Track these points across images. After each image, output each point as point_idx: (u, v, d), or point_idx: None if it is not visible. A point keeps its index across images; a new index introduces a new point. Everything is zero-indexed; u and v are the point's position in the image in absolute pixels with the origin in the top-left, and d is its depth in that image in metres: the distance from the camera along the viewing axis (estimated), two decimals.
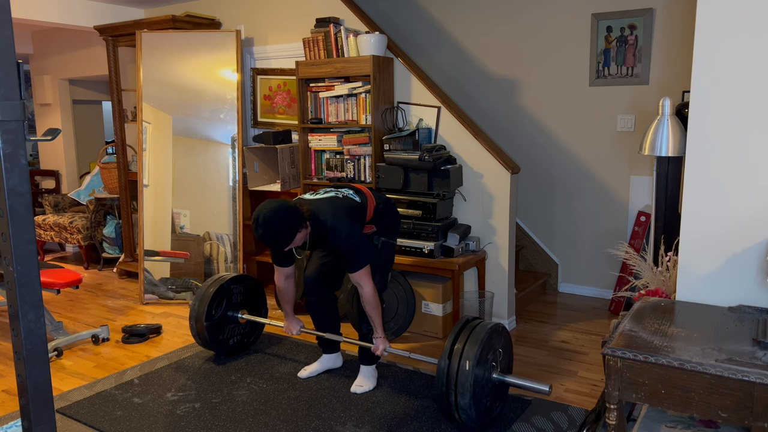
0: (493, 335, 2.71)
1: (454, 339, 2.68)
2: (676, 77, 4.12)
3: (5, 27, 1.15)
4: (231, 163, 4.70)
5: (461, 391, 2.56)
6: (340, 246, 2.88)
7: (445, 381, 2.61)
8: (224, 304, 3.53)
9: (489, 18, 4.81)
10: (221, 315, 3.51)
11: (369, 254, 2.94)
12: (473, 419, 2.59)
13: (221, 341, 3.52)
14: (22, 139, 1.19)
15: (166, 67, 4.69)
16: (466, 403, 2.55)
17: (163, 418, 2.90)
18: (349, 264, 2.90)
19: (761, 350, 1.91)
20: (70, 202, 6.37)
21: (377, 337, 3.04)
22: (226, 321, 3.54)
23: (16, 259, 1.20)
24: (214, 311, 3.47)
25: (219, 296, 3.50)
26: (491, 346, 2.69)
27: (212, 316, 3.45)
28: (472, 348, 2.59)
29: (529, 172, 4.80)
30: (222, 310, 3.52)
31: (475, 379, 2.56)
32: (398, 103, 4.21)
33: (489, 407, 2.69)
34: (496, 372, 2.72)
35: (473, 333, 2.67)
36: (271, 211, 2.72)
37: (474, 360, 2.56)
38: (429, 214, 3.81)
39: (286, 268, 3.12)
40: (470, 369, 2.55)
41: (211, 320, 3.45)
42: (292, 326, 3.32)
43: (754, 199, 2.28)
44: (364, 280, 2.91)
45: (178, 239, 4.71)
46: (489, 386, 2.67)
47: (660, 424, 2.29)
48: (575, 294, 4.72)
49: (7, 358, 3.70)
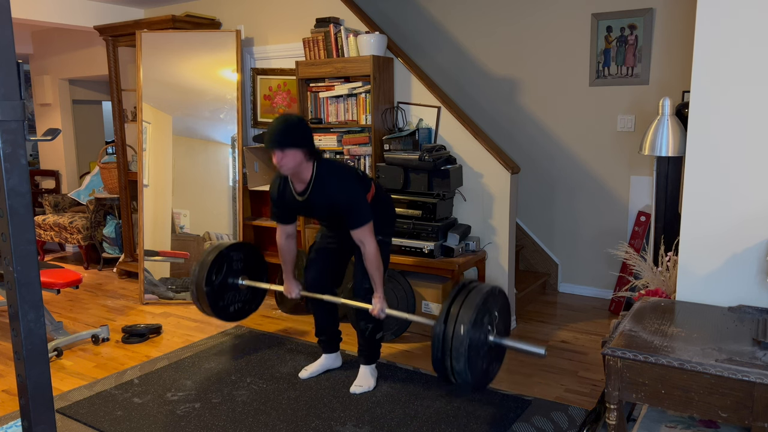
0: (488, 299, 2.66)
1: (450, 303, 2.64)
2: (676, 77, 4.12)
3: (5, 27, 1.15)
4: (231, 163, 4.70)
5: (456, 355, 2.52)
6: (344, 199, 2.88)
7: (440, 346, 2.57)
8: (224, 270, 3.47)
9: (489, 18, 4.81)
10: (221, 281, 3.46)
11: (370, 212, 2.95)
12: (469, 382, 2.57)
13: (221, 308, 3.48)
14: (22, 139, 1.19)
15: (166, 67, 4.69)
16: (461, 367, 2.52)
17: (163, 418, 2.90)
18: (351, 220, 2.89)
19: (761, 350, 1.91)
20: (70, 202, 6.37)
21: (376, 297, 3.00)
22: (226, 288, 3.49)
23: (16, 259, 1.20)
24: (215, 277, 3.42)
25: (219, 262, 3.44)
26: (487, 309, 2.63)
27: (212, 281, 3.40)
28: (467, 312, 2.55)
29: (530, 172, 4.80)
30: (222, 277, 3.46)
31: (470, 343, 2.51)
32: (398, 103, 4.21)
33: (485, 370, 2.66)
34: (493, 335, 2.67)
35: (468, 297, 2.63)
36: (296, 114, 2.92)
37: (468, 324, 2.52)
38: (429, 214, 3.81)
39: (287, 225, 3.13)
40: (465, 333, 2.51)
41: (212, 286, 3.40)
42: (291, 288, 3.29)
43: (754, 198, 2.28)
44: (367, 238, 2.91)
45: (178, 239, 4.71)
46: (485, 349, 2.63)
47: (660, 424, 2.29)
48: (575, 294, 4.72)
49: (7, 358, 3.70)
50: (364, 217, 2.90)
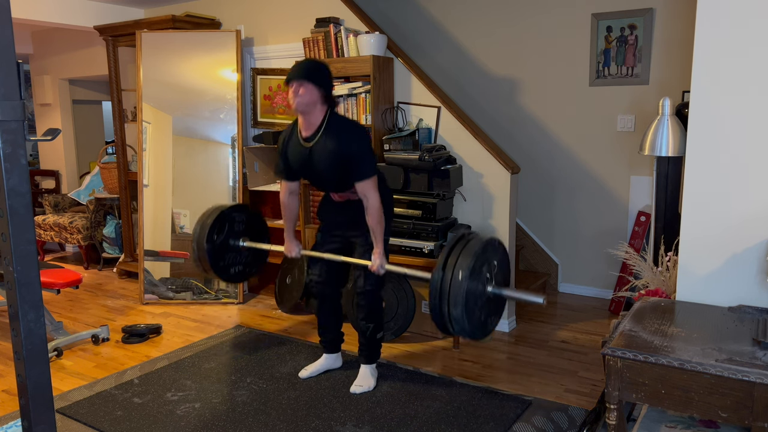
0: (488, 248, 2.63)
1: (449, 252, 2.61)
2: (676, 77, 4.12)
3: (5, 27, 1.15)
4: (231, 163, 4.70)
5: (453, 302, 2.50)
6: (353, 148, 2.88)
7: (438, 293, 2.55)
8: (226, 230, 3.44)
9: (489, 18, 4.81)
10: (222, 241, 3.42)
11: (376, 165, 2.97)
12: (466, 330, 2.55)
13: (222, 268, 3.44)
14: (22, 139, 1.19)
15: (166, 67, 4.69)
16: (458, 314, 2.50)
17: (163, 418, 2.90)
18: (357, 171, 2.89)
19: (761, 350, 1.91)
20: (70, 202, 6.37)
21: (376, 253, 2.98)
22: (227, 248, 3.46)
23: (16, 259, 1.20)
24: (216, 236, 3.39)
25: (221, 221, 3.41)
26: (486, 259, 2.61)
27: (213, 239, 3.37)
28: (466, 259, 2.53)
29: (530, 172, 4.80)
30: (224, 236, 3.43)
31: (467, 290, 2.49)
32: (398, 103, 4.21)
33: (483, 321, 2.64)
34: (491, 285, 2.65)
35: (467, 246, 2.60)
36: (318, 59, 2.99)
37: (467, 271, 2.49)
38: (429, 214, 3.81)
39: (291, 182, 3.15)
40: (462, 279, 2.48)
41: (212, 243, 3.36)
42: (292, 247, 3.27)
43: (754, 198, 2.28)
44: (371, 192, 2.91)
45: (178, 239, 4.71)
46: (483, 299, 2.61)
47: (660, 424, 2.29)
48: (575, 294, 4.72)
49: (7, 358, 3.70)
50: (371, 169, 2.91)
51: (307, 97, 2.83)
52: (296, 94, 2.83)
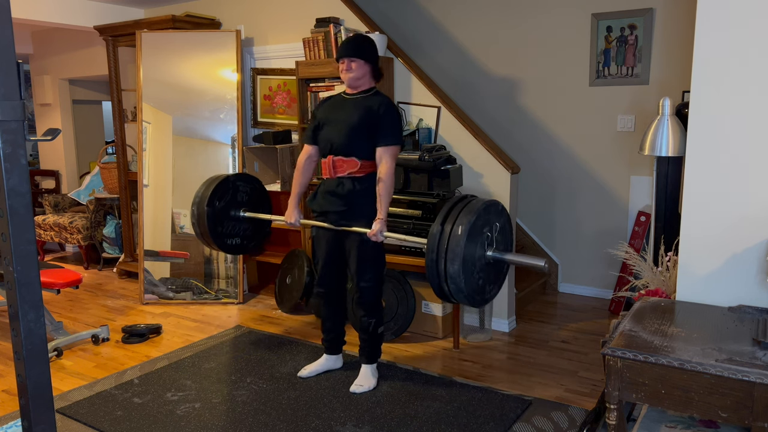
0: (490, 209, 2.57)
1: (449, 210, 2.55)
2: (676, 77, 4.12)
3: (5, 27, 1.15)
4: (231, 163, 4.70)
5: (451, 257, 2.40)
6: (386, 114, 2.99)
7: (435, 247, 2.46)
8: (228, 196, 3.43)
9: (489, 18, 4.81)
10: (224, 207, 3.40)
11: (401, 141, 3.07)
12: (462, 290, 2.44)
13: (220, 234, 3.41)
14: (22, 139, 1.19)
15: (166, 67, 4.69)
16: (455, 270, 2.40)
17: (163, 418, 2.90)
18: (384, 134, 2.98)
19: (761, 350, 1.91)
20: (70, 202, 6.37)
21: (378, 219, 2.96)
22: (227, 216, 3.44)
23: (16, 259, 1.20)
24: (218, 202, 3.37)
25: (224, 187, 3.40)
26: (488, 219, 2.54)
27: (214, 204, 3.35)
28: (467, 216, 2.46)
29: (530, 172, 4.80)
30: (225, 203, 3.41)
31: (466, 248, 2.40)
32: (398, 103, 4.21)
33: (481, 286, 2.55)
34: (492, 249, 2.57)
35: (469, 205, 2.55)
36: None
37: (467, 226, 2.40)
38: (429, 214, 3.81)
39: (312, 146, 3.21)
40: (462, 234, 2.39)
41: (213, 207, 3.34)
42: (293, 214, 3.26)
43: (754, 198, 2.28)
44: (389, 158, 2.98)
45: (178, 239, 4.71)
46: (482, 262, 2.53)
47: (660, 424, 2.29)
48: (575, 294, 4.72)
49: (7, 358, 3.70)
50: (397, 139, 3.01)
51: (359, 72, 3.01)
52: (348, 70, 3.00)
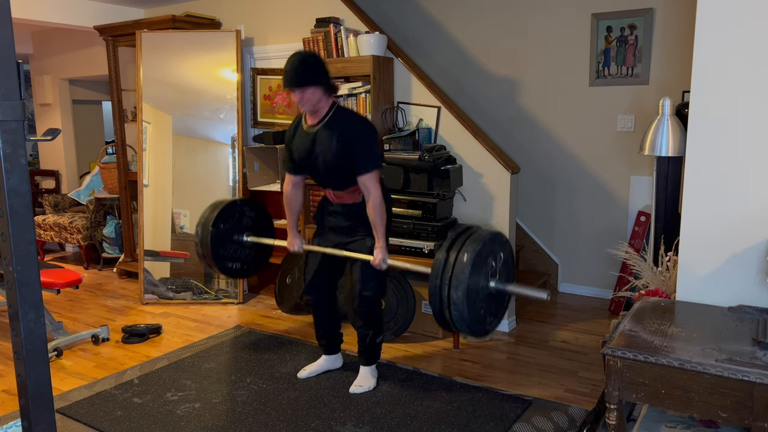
0: (495, 240, 2.59)
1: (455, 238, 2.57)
2: (676, 77, 4.12)
3: (5, 27, 1.15)
4: (231, 163, 4.70)
5: (455, 284, 2.42)
6: (357, 135, 2.88)
7: (440, 273, 2.48)
8: (234, 220, 3.44)
9: (489, 18, 4.81)
10: (228, 229, 3.42)
11: (380, 160, 2.98)
12: (465, 319, 2.46)
13: (221, 256, 3.43)
14: (22, 139, 1.19)
15: (166, 67, 4.69)
16: (459, 297, 2.42)
17: (163, 418, 2.90)
18: (361, 163, 2.88)
19: (761, 350, 1.91)
20: (70, 202, 6.37)
21: (378, 248, 2.96)
22: (231, 239, 3.46)
23: (16, 259, 1.20)
24: (222, 224, 3.38)
25: (231, 210, 3.41)
26: (492, 249, 2.57)
27: (219, 226, 3.37)
28: (473, 244, 2.48)
29: (530, 172, 4.80)
30: (230, 225, 3.43)
31: (470, 276, 2.43)
32: (398, 103, 4.21)
33: (482, 316, 2.57)
34: (494, 281, 2.60)
35: (474, 234, 2.57)
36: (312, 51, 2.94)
37: (473, 254, 2.43)
38: (429, 214, 3.81)
39: (295, 176, 3.15)
40: (467, 262, 2.41)
41: (217, 228, 3.36)
42: (294, 242, 3.26)
43: (753, 198, 2.28)
44: (373, 185, 2.90)
45: (178, 239, 4.70)
46: (485, 292, 2.55)
47: (660, 424, 2.29)
48: (575, 294, 4.72)
49: (7, 358, 3.70)
50: (374, 161, 2.90)
51: (313, 99, 2.85)
52: (301, 101, 2.85)
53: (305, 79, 2.79)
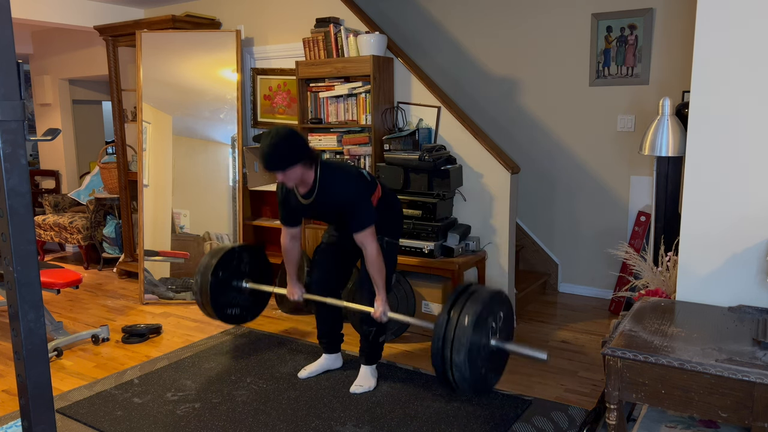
0: (495, 299, 2.64)
1: (456, 298, 2.61)
2: (676, 77, 4.12)
3: (5, 27, 1.15)
4: (231, 163, 4.70)
5: (457, 346, 2.47)
6: (348, 199, 2.88)
7: (442, 335, 2.53)
8: (232, 267, 3.49)
9: (489, 18, 4.81)
10: (227, 277, 3.47)
11: (374, 214, 2.95)
12: (467, 379, 2.50)
13: (221, 304, 3.46)
14: (22, 139, 1.19)
15: (166, 67, 4.69)
16: (461, 360, 2.47)
17: (163, 418, 2.90)
18: (354, 221, 2.89)
19: (761, 350, 1.91)
20: (70, 202, 6.37)
21: (378, 300, 2.99)
22: (230, 287, 3.50)
23: (16, 259, 1.20)
24: (222, 272, 3.43)
25: (229, 259, 3.46)
26: (492, 309, 2.61)
27: (218, 275, 3.41)
28: (473, 306, 2.53)
29: (530, 172, 4.80)
30: (229, 273, 3.47)
31: (472, 338, 2.47)
32: (398, 103, 4.21)
33: (484, 374, 2.60)
34: (495, 339, 2.63)
35: (475, 294, 2.61)
36: (285, 128, 2.83)
37: (473, 316, 2.48)
38: (429, 214, 3.81)
39: (292, 228, 3.14)
40: (469, 325, 2.47)
41: (217, 277, 3.40)
42: (294, 291, 3.28)
43: (753, 198, 2.28)
44: (369, 240, 2.91)
45: (178, 239, 4.71)
46: (486, 351, 2.59)
47: (660, 424, 2.29)
48: (575, 294, 4.72)
49: (7, 358, 3.70)
50: (367, 219, 2.90)
51: (294, 177, 2.84)
52: (286, 179, 2.84)
53: (284, 162, 2.78)
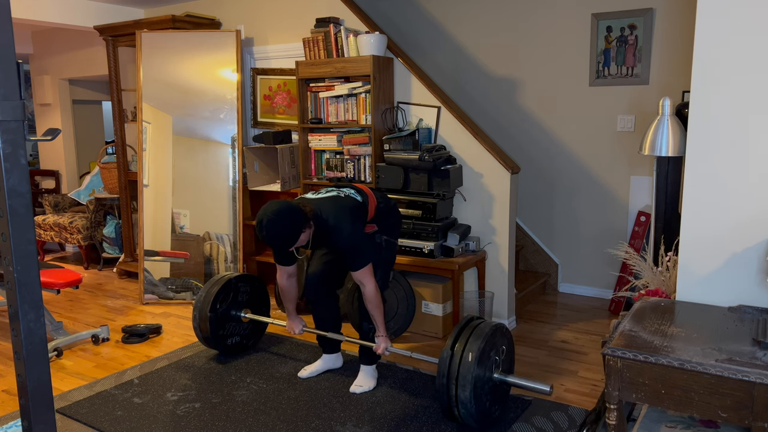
0: (496, 333, 2.71)
1: (458, 333, 2.67)
2: (676, 77, 4.12)
3: (5, 27, 1.15)
4: (231, 163, 4.70)
5: (462, 383, 2.53)
6: (343, 244, 2.88)
7: (446, 373, 2.58)
8: (230, 299, 3.54)
9: (489, 18, 4.81)
10: (225, 310, 3.52)
11: (371, 253, 2.95)
12: (473, 415, 2.57)
13: (221, 337, 3.51)
14: (22, 139, 1.19)
15: (166, 67, 4.69)
16: (466, 397, 2.53)
17: (163, 418, 2.90)
18: (351, 262, 2.91)
19: (761, 350, 1.91)
20: (70, 202, 6.37)
21: (379, 336, 3.05)
22: (228, 318, 3.55)
23: (16, 259, 1.20)
24: (219, 305, 3.48)
25: (226, 291, 3.52)
26: (494, 343, 2.68)
27: (216, 308, 3.46)
28: (476, 342, 2.59)
29: (530, 172, 4.80)
30: (226, 306, 3.53)
31: (476, 374, 2.54)
32: (398, 103, 4.21)
33: (488, 408, 2.68)
34: (498, 372, 2.71)
35: (477, 329, 2.67)
36: (274, 213, 2.70)
37: (477, 353, 2.53)
38: (429, 214, 3.81)
39: (288, 267, 3.13)
40: (473, 361, 2.52)
41: (215, 312, 3.46)
42: (294, 325, 3.32)
43: (753, 198, 2.28)
44: (367, 279, 2.92)
45: (178, 239, 4.71)
46: (490, 385, 2.66)
47: (660, 424, 2.29)
48: (575, 294, 4.72)
49: (7, 358, 3.70)
50: (364, 259, 2.90)
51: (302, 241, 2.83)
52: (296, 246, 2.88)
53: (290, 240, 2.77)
